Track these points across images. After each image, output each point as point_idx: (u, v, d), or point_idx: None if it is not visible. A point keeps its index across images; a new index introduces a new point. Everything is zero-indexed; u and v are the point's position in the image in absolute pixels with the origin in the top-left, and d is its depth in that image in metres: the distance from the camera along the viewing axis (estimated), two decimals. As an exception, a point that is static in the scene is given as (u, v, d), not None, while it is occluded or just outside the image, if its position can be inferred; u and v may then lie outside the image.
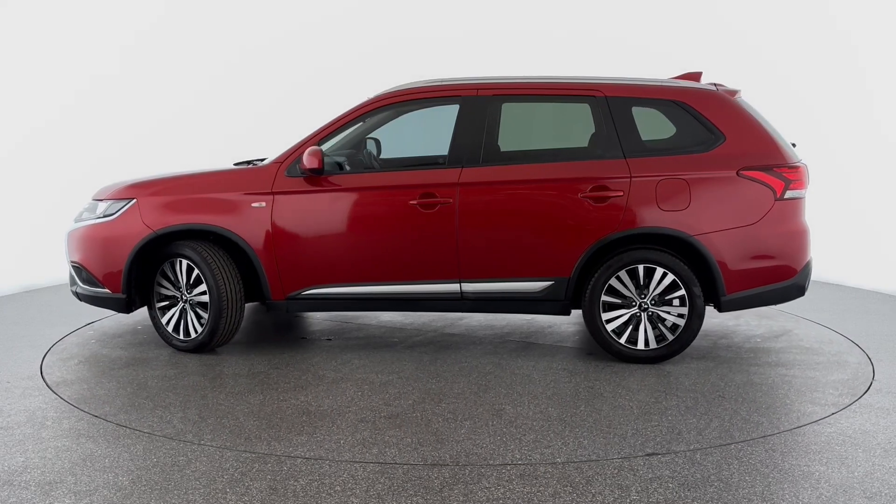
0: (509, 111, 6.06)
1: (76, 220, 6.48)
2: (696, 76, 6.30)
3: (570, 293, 5.81)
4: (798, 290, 5.81)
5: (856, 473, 4.06)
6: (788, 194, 5.64)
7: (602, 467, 4.13)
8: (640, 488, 3.89)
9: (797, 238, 5.74)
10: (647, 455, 4.24)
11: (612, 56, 9.70)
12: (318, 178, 5.97)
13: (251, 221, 5.98)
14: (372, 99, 6.15)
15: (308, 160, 5.83)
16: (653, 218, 5.66)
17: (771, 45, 9.39)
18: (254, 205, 5.98)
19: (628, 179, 5.67)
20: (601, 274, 5.71)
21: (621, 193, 5.67)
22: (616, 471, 4.09)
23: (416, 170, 6.17)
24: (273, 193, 5.98)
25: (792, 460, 4.24)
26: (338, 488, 3.91)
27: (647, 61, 8.82)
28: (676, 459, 4.22)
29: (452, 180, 5.83)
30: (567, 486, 3.93)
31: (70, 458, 4.28)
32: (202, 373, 5.77)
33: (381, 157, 6.78)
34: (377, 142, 6.76)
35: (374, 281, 5.97)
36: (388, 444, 4.45)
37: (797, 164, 5.72)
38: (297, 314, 7.37)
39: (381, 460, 4.23)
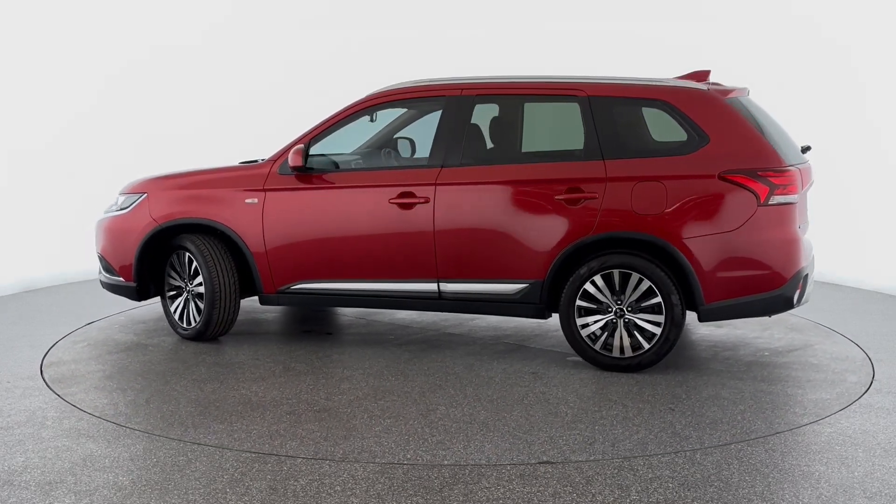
0: (492, 111, 6.07)
1: (104, 213, 6.86)
2: (703, 75, 6.08)
3: (546, 296, 5.68)
4: (785, 303, 5.46)
5: (856, 473, 4.06)
6: (774, 200, 5.33)
7: (602, 467, 4.13)
8: (640, 488, 3.89)
9: (784, 246, 5.41)
10: (540, 463, 4.18)
11: (625, 54, 9.65)
12: (307, 175, 6.14)
13: (245, 217, 6.21)
14: (362, 99, 6.25)
15: (292, 158, 6.01)
16: (627, 222, 5.47)
17: (782, 45, 9.35)
18: (247, 201, 6.21)
19: (604, 182, 5.52)
20: (576, 277, 5.57)
21: (596, 196, 5.53)
22: (616, 471, 4.09)
23: (398, 169, 6.30)
24: (265, 190, 6.19)
25: (792, 460, 4.24)
26: (338, 488, 3.91)
27: (660, 59, 8.77)
28: (676, 459, 4.22)
29: (431, 180, 5.85)
30: (567, 486, 3.93)
31: (70, 458, 4.28)
32: (184, 360, 6.02)
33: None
34: (411, 141, 6.83)
35: (357, 278, 6.08)
36: (295, 436, 4.55)
37: (788, 168, 5.39)
38: (323, 309, 7.48)
39: (277, 452, 4.34)
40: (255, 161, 6.76)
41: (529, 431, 4.61)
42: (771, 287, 5.41)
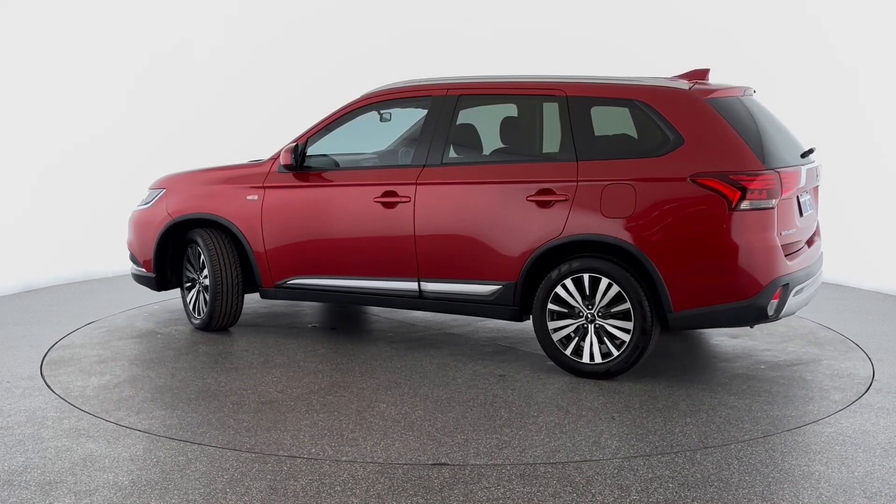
0: (477, 111, 6.08)
1: (136, 206, 7.18)
2: (702, 73, 5.92)
3: (518, 299, 5.60)
4: (758, 313, 5.13)
5: (856, 473, 4.06)
6: (746, 205, 5.05)
7: (602, 467, 4.13)
8: (640, 488, 3.89)
9: (756, 254, 5.09)
10: (436, 465, 4.15)
11: (628, 54, 9.64)
12: (304, 174, 6.29)
13: (246, 213, 6.44)
14: (356, 99, 6.33)
15: (283, 157, 6.22)
16: (596, 225, 5.31)
17: (788, 46, 9.33)
18: (248, 197, 6.44)
19: (575, 183, 5.40)
20: (547, 281, 5.47)
21: (566, 198, 5.40)
22: (616, 471, 4.09)
23: (383, 168, 6.45)
24: (264, 187, 6.38)
25: (792, 460, 4.24)
26: (338, 488, 3.91)
27: (665, 59, 8.76)
28: (676, 459, 4.22)
29: (412, 179, 5.88)
30: (567, 485, 3.93)
31: (70, 458, 4.28)
32: (180, 348, 6.28)
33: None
34: None
35: (345, 275, 6.19)
36: (222, 425, 4.68)
37: (763, 172, 5.09)
38: (357, 307, 7.58)
39: (196, 440, 4.46)
40: (261, 160, 6.85)
41: (450, 433, 4.57)
42: (741, 297, 5.12)
